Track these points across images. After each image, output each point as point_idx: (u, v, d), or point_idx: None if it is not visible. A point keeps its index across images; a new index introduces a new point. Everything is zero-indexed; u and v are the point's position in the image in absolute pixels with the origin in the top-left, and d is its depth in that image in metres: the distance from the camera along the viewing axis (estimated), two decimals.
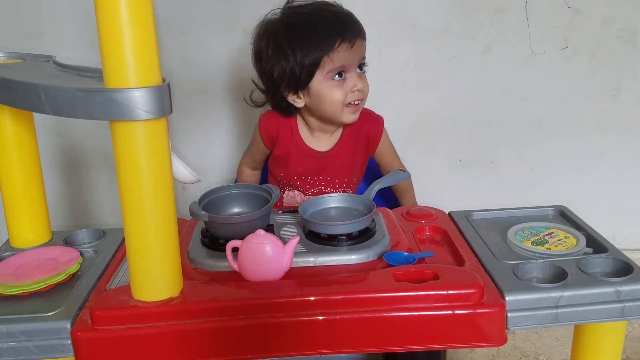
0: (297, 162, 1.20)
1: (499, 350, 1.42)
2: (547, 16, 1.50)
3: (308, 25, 1.09)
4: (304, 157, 1.19)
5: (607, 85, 1.57)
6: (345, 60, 1.10)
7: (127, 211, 0.71)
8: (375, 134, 1.22)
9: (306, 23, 1.10)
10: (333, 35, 1.08)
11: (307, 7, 1.13)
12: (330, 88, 1.11)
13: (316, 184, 1.21)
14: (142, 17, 0.64)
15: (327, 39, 1.08)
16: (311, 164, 1.20)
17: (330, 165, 1.20)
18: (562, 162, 1.64)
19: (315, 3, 1.13)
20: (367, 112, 1.22)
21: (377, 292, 0.74)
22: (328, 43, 1.08)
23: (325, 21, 1.10)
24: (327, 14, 1.11)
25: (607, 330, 0.81)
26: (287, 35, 1.10)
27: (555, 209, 1.01)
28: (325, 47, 1.08)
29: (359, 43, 1.11)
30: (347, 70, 1.11)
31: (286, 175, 1.22)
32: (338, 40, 1.08)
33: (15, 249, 0.92)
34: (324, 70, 1.10)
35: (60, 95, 0.68)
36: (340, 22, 1.10)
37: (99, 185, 1.68)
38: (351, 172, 1.23)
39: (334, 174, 1.21)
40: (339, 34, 1.08)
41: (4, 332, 0.72)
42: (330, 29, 1.09)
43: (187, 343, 0.73)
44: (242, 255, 0.78)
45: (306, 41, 1.08)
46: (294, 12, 1.12)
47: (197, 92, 1.57)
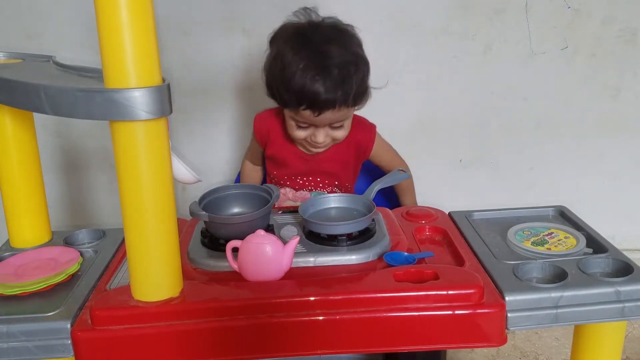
0: (287, 163, 1.21)
1: (499, 351, 1.42)
2: (547, 16, 1.50)
3: (293, 71, 1.04)
4: (294, 158, 1.21)
5: (607, 85, 1.57)
6: (310, 121, 1.09)
7: (127, 211, 0.71)
8: (367, 142, 1.22)
9: (294, 66, 1.04)
10: (300, 99, 1.05)
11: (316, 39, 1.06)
12: (292, 126, 1.13)
13: (305, 184, 1.23)
14: (142, 17, 0.63)
15: (293, 99, 1.06)
16: (301, 165, 1.21)
17: (320, 168, 1.21)
18: (562, 162, 1.64)
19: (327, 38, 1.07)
20: (359, 120, 1.22)
21: (377, 292, 0.74)
22: (293, 103, 1.07)
23: (304, 81, 1.04)
24: (318, 69, 1.04)
25: (607, 330, 0.81)
26: (280, 61, 1.07)
27: (555, 209, 1.01)
28: (290, 104, 1.08)
29: (329, 113, 1.06)
30: (314, 125, 1.11)
31: (278, 173, 1.24)
32: (303, 106, 1.06)
33: (15, 249, 0.92)
34: (290, 113, 1.11)
35: (60, 95, 0.68)
36: (315, 90, 1.03)
37: (99, 185, 1.68)
38: (341, 176, 1.23)
39: (323, 177, 1.22)
40: (306, 101, 1.05)
41: (4, 332, 0.72)
42: (302, 92, 1.04)
43: (187, 343, 0.73)
44: (242, 256, 0.78)
45: (282, 84, 1.07)
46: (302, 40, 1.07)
47: (197, 92, 1.57)
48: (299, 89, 1.04)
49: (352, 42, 1.10)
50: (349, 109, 1.09)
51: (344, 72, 1.05)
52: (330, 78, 1.04)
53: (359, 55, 1.09)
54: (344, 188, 1.24)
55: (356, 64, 1.07)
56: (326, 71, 1.04)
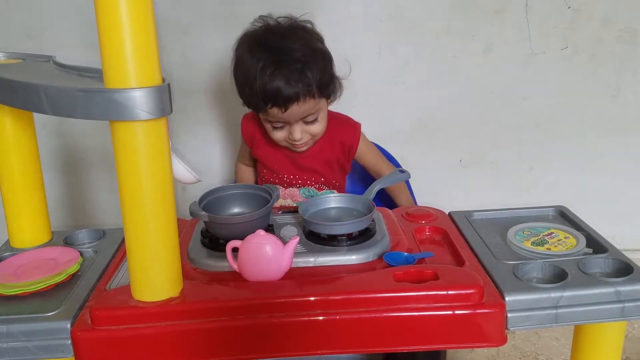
0: (274, 161, 1.23)
1: (499, 351, 1.42)
2: (547, 16, 1.50)
3: (254, 72, 1.06)
4: (279, 157, 1.22)
5: (607, 85, 1.57)
6: (280, 118, 1.11)
7: (127, 211, 0.71)
8: (350, 140, 1.22)
9: (254, 68, 1.06)
10: (264, 98, 1.07)
11: (271, 40, 1.08)
12: (270, 129, 1.15)
13: (293, 182, 1.23)
14: (142, 17, 0.64)
15: (259, 100, 1.08)
16: (287, 163, 1.22)
17: (306, 166, 1.22)
18: (562, 162, 1.64)
19: (281, 37, 1.08)
20: (344, 119, 1.23)
21: (377, 292, 0.74)
22: (259, 104, 1.09)
23: (264, 80, 1.05)
24: (271, 70, 1.05)
25: (607, 330, 0.81)
26: (242, 65, 1.10)
27: (555, 209, 1.01)
28: (258, 106, 1.10)
29: (294, 107, 1.07)
30: (288, 123, 1.12)
31: (267, 172, 1.25)
32: (269, 104, 1.07)
33: (15, 249, 0.92)
34: (263, 115, 1.13)
35: (60, 95, 0.68)
36: (275, 86, 1.05)
37: (99, 185, 1.68)
38: (326, 174, 1.24)
39: (310, 174, 1.23)
40: (270, 99, 1.06)
41: (4, 332, 0.72)
42: (264, 91, 1.06)
43: (187, 343, 0.73)
44: (242, 256, 0.78)
45: (248, 87, 1.09)
46: (258, 41, 1.09)
47: (197, 92, 1.57)
48: (261, 89, 1.06)
49: (310, 36, 1.12)
50: (316, 100, 1.10)
51: (302, 63, 1.06)
52: (288, 72, 1.05)
53: (317, 48, 1.11)
54: (331, 185, 1.25)
55: (314, 55, 1.09)
56: (284, 66, 1.06)
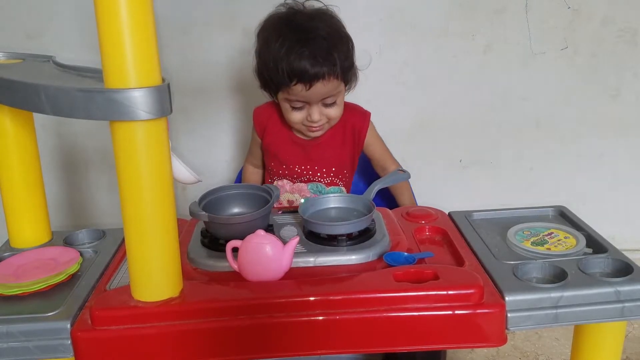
0: (284, 150, 1.23)
1: (499, 351, 1.42)
2: (547, 16, 1.50)
3: (280, 48, 1.09)
4: (291, 145, 1.22)
5: (607, 86, 1.57)
6: (303, 97, 1.12)
7: (127, 211, 0.71)
8: (360, 127, 1.24)
9: (281, 44, 1.09)
10: (292, 74, 1.09)
11: (299, 19, 1.11)
12: (288, 110, 1.16)
13: (303, 173, 1.23)
14: (142, 17, 0.63)
15: (284, 77, 1.09)
16: (298, 152, 1.22)
17: (317, 155, 1.22)
18: (562, 162, 1.64)
19: (310, 16, 1.12)
20: (353, 107, 1.24)
21: (377, 292, 0.74)
22: (284, 80, 1.10)
23: (297, 53, 1.08)
24: (305, 43, 1.08)
25: (607, 330, 0.81)
26: (267, 44, 1.12)
27: (555, 209, 1.01)
28: (282, 83, 1.11)
29: (319, 84, 1.10)
30: (307, 104, 1.14)
31: (275, 164, 1.24)
32: (294, 80, 1.09)
33: (15, 249, 0.92)
34: (282, 94, 1.14)
35: (60, 95, 0.68)
36: (303, 64, 1.08)
37: (99, 185, 1.68)
38: (339, 163, 1.24)
39: (320, 164, 1.23)
40: (297, 75, 1.08)
41: (4, 332, 0.72)
42: (291, 68, 1.08)
43: (187, 343, 0.73)
44: (242, 256, 0.78)
45: (272, 64, 1.10)
46: (284, 20, 1.12)
47: (197, 92, 1.57)
48: (288, 65, 1.08)
49: (334, 20, 1.15)
50: (338, 82, 1.13)
51: (329, 43, 1.10)
52: (316, 49, 1.08)
53: (342, 31, 1.14)
54: (342, 176, 1.25)
55: (340, 37, 1.13)
56: (311, 44, 1.09)
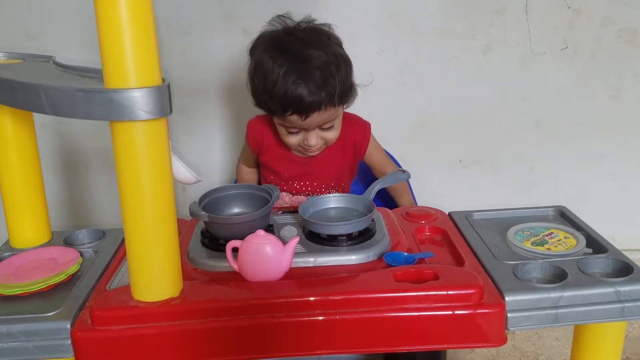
0: (283, 168, 1.21)
1: (499, 351, 1.42)
2: (547, 16, 1.50)
3: (276, 77, 1.04)
4: (289, 163, 1.20)
5: (607, 86, 1.57)
6: (298, 125, 1.09)
7: (127, 211, 0.71)
8: (362, 139, 1.22)
9: (276, 72, 1.04)
10: (285, 106, 1.05)
11: (294, 45, 1.06)
12: (284, 134, 1.13)
13: (302, 189, 1.22)
14: (142, 17, 0.64)
15: (279, 107, 1.06)
16: (297, 170, 1.21)
17: (316, 171, 1.21)
18: (562, 162, 1.64)
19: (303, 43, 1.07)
20: (353, 118, 1.22)
21: (377, 292, 0.74)
22: (279, 110, 1.07)
23: (287, 87, 1.04)
24: (300, 73, 1.03)
25: (607, 330, 0.81)
26: (261, 69, 1.07)
27: (555, 209, 1.01)
28: (276, 112, 1.08)
29: (315, 115, 1.06)
30: (305, 129, 1.11)
31: (275, 179, 1.23)
32: (289, 111, 1.06)
33: (15, 249, 0.92)
34: (278, 120, 1.11)
35: (60, 95, 0.68)
36: (298, 95, 1.03)
37: (99, 185, 1.68)
38: (338, 176, 1.23)
39: (320, 179, 1.22)
40: (291, 107, 1.05)
41: (4, 332, 0.72)
42: (286, 99, 1.04)
43: (187, 343, 0.73)
44: (242, 256, 0.78)
45: (267, 92, 1.07)
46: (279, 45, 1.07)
47: (197, 92, 1.56)
48: (283, 95, 1.04)
49: (331, 42, 1.10)
50: (335, 108, 1.09)
51: (325, 72, 1.05)
52: (312, 80, 1.04)
53: (339, 54, 1.09)
54: (341, 188, 1.24)
55: (337, 63, 1.07)
56: (307, 74, 1.04)
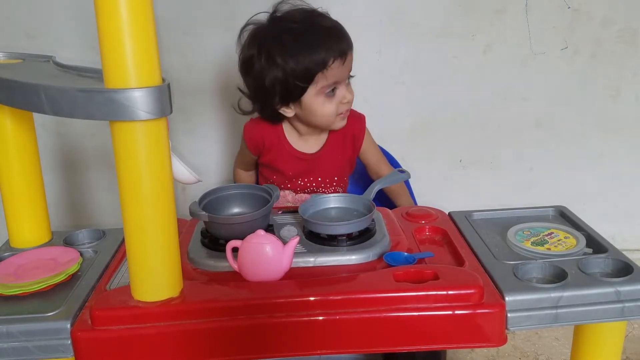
0: (287, 166, 1.21)
1: (499, 351, 1.42)
2: (547, 16, 1.50)
3: (302, 41, 1.08)
4: (294, 160, 1.21)
5: (607, 86, 1.57)
6: (338, 76, 1.11)
7: (127, 211, 0.71)
8: (359, 131, 1.24)
9: (300, 38, 1.08)
10: (327, 53, 1.07)
11: (297, 18, 1.11)
12: (322, 103, 1.13)
13: (307, 185, 1.23)
14: (142, 17, 0.64)
15: (322, 57, 1.07)
16: (301, 166, 1.21)
17: (320, 166, 1.22)
18: (562, 162, 1.64)
19: (304, 13, 1.12)
20: (350, 111, 1.22)
21: (377, 292, 0.74)
22: (322, 61, 1.08)
23: (318, 37, 1.08)
24: (319, 29, 1.09)
25: (607, 330, 0.81)
26: (281, 48, 1.08)
27: (555, 209, 1.01)
28: (320, 65, 1.08)
29: (349, 57, 1.11)
30: (338, 85, 1.12)
31: (277, 178, 1.23)
32: (331, 58, 1.08)
33: (15, 249, 0.92)
34: (317, 86, 1.10)
35: (60, 95, 0.68)
36: (333, 39, 1.09)
37: (99, 185, 1.68)
38: (340, 170, 1.24)
39: (324, 174, 1.22)
40: (333, 52, 1.08)
41: (4, 332, 0.72)
42: (324, 46, 1.08)
43: (187, 343, 0.73)
44: (242, 256, 0.78)
45: (301, 57, 1.07)
46: (285, 25, 1.10)
47: (197, 92, 1.57)
48: (319, 42, 1.08)
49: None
50: (352, 52, 1.14)
51: (335, 22, 1.13)
52: (331, 24, 1.11)
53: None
54: (343, 183, 1.25)
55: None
56: (326, 26, 1.10)
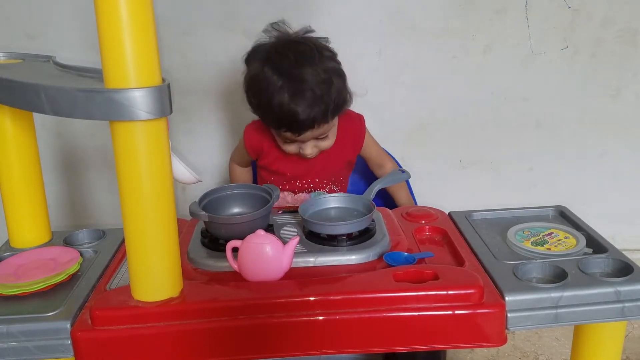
0: (285, 169, 1.22)
1: (499, 351, 1.42)
2: (547, 16, 1.50)
3: (266, 98, 1.07)
4: (292, 163, 1.21)
5: (607, 85, 1.57)
6: (293, 139, 1.12)
7: (127, 211, 0.71)
8: (359, 133, 1.24)
9: (267, 95, 1.07)
10: (279, 123, 1.09)
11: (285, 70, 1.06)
12: (281, 141, 1.16)
13: (305, 186, 1.23)
14: (142, 17, 0.64)
15: (275, 122, 1.10)
16: (299, 169, 1.22)
17: (319, 167, 1.22)
18: (562, 162, 1.64)
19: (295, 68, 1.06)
20: (347, 113, 1.23)
21: (377, 292, 0.74)
22: (274, 125, 1.11)
23: (281, 107, 1.05)
24: (288, 99, 1.05)
25: (607, 330, 0.81)
26: (256, 89, 1.10)
27: (555, 209, 1.01)
28: (272, 126, 1.12)
29: (309, 132, 1.09)
30: (301, 143, 1.14)
31: (276, 180, 1.24)
32: (283, 128, 1.09)
33: (15, 249, 0.92)
34: (274, 131, 1.14)
35: (60, 95, 0.68)
36: (292, 115, 1.05)
37: (99, 185, 1.68)
38: (339, 171, 1.25)
39: (322, 175, 1.23)
40: (284, 125, 1.08)
41: (4, 332, 0.72)
42: (280, 117, 1.07)
43: (187, 343, 0.73)
44: (242, 256, 0.78)
45: (262, 110, 1.11)
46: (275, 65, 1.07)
47: (197, 92, 1.56)
48: (277, 113, 1.07)
49: (323, 57, 1.10)
50: (329, 123, 1.12)
51: (317, 92, 1.06)
52: (305, 100, 1.05)
53: (332, 70, 1.10)
54: (339, 183, 1.26)
55: (330, 81, 1.08)
56: (301, 95, 1.05)
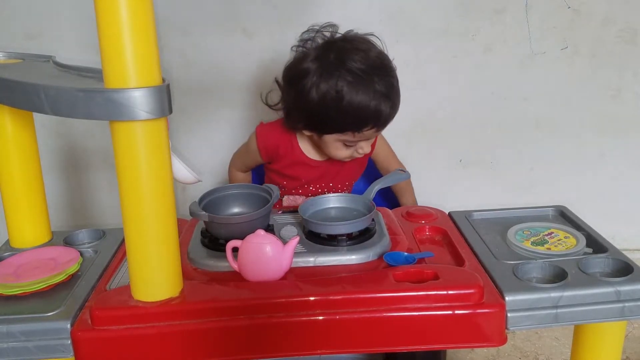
0: (299, 173, 1.21)
1: (499, 350, 1.42)
2: (547, 16, 1.50)
3: (353, 94, 1.03)
4: (307, 168, 1.20)
5: (607, 86, 1.57)
6: (365, 137, 1.10)
7: (127, 211, 0.71)
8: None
9: (353, 90, 1.03)
10: (369, 121, 1.06)
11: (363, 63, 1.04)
12: (338, 148, 1.13)
13: (318, 190, 1.23)
14: (142, 17, 0.64)
15: (362, 121, 1.06)
16: (313, 173, 1.21)
17: (333, 172, 1.21)
18: (562, 162, 1.64)
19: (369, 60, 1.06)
20: None
21: (377, 292, 0.74)
22: (361, 124, 1.06)
23: (369, 98, 1.03)
24: (374, 90, 1.03)
25: (607, 330, 0.81)
26: (334, 88, 1.04)
27: (555, 209, 1.01)
28: (357, 126, 1.07)
29: (372, 131, 1.08)
30: (362, 142, 1.12)
31: (289, 183, 1.23)
32: (371, 125, 1.06)
33: (15, 249, 0.92)
34: (342, 136, 1.10)
35: (60, 95, 0.68)
36: (381, 110, 1.04)
37: (99, 185, 1.68)
38: (353, 174, 1.25)
39: (336, 179, 1.22)
40: (375, 123, 1.06)
41: (4, 332, 0.72)
42: (370, 114, 1.04)
43: (187, 343, 0.73)
44: (242, 256, 0.78)
45: (342, 112, 1.05)
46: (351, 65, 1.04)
47: (197, 92, 1.57)
48: (364, 110, 1.04)
49: (384, 54, 1.12)
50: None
51: (395, 83, 1.08)
52: (390, 90, 1.06)
53: (390, 66, 1.11)
54: (350, 187, 1.26)
55: (395, 75, 1.10)
56: (387, 85, 1.05)
